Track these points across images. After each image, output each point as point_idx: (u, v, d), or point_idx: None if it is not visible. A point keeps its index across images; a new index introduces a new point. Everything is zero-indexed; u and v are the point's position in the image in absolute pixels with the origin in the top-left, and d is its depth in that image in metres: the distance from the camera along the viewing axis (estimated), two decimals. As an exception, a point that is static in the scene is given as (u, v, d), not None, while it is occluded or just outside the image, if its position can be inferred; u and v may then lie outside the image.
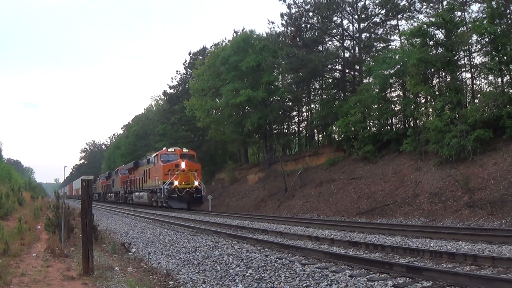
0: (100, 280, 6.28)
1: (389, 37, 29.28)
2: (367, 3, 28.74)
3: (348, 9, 29.18)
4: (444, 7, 21.13)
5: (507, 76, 18.43)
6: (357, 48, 29.59)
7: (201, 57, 46.93)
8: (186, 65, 51.75)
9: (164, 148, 31.22)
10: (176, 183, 27.39)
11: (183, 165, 27.98)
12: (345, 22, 30.07)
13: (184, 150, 30.29)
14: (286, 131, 37.01)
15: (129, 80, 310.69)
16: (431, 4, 24.50)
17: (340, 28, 30.33)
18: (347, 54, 30.63)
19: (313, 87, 33.37)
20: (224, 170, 40.84)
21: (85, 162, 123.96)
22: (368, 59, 29.08)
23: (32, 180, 66.08)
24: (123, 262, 8.27)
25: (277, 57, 29.55)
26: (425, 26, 19.60)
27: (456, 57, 19.80)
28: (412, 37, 20.00)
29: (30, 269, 7.04)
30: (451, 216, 14.46)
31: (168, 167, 28.02)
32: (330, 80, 32.31)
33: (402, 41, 24.53)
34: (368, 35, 29.59)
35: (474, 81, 21.23)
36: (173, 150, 30.08)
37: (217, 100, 37.22)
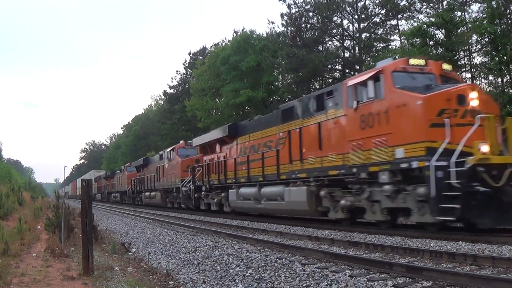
0: (100, 280, 6.28)
1: (389, 37, 29.35)
2: (367, 3, 28.83)
3: (348, 9, 29.24)
4: (444, 7, 21.15)
5: (507, 76, 18.46)
6: (357, 48, 29.63)
7: (201, 57, 47.04)
8: (186, 65, 51.90)
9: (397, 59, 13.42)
10: (484, 148, 9.16)
11: (473, 98, 9.66)
12: (345, 22, 30.16)
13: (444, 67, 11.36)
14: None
15: (129, 80, 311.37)
16: (431, 4, 24.52)
17: (340, 28, 30.40)
18: (347, 54, 30.69)
19: (313, 87, 33.41)
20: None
21: (85, 162, 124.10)
22: (368, 59, 29.10)
23: (32, 180, 66.22)
24: (123, 262, 8.27)
25: (277, 57, 29.59)
26: (425, 26, 19.63)
27: (456, 57, 19.84)
28: (412, 37, 20.04)
29: (30, 269, 7.04)
30: (451, 216, 14.38)
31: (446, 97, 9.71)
32: (330, 80, 32.34)
33: (402, 41, 24.56)
34: (368, 35, 29.65)
35: (474, 81, 21.25)
36: (423, 62, 10.93)
37: (217, 100, 37.24)
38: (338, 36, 31.10)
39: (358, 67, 29.01)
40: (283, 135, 14.75)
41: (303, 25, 31.28)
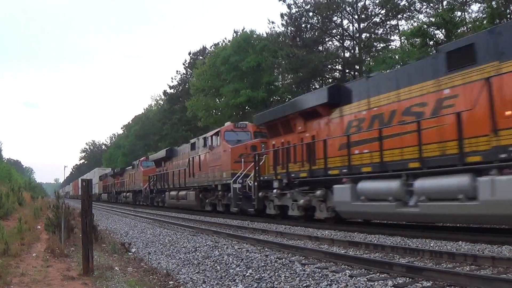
0: (100, 280, 6.28)
1: (389, 37, 29.40)
2: (367, 3, 28.90)
3: (348, 9, 29.29)
4: (444, 7, 21.18)
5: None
6: (357, 48, 29.67)
7: (201, 57, 47.10)
8: (186, 65, 51.89)
9: None
10: None
11: None
12: (345, 22, 30.24)
13: None
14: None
15: (129, 80, 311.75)
16: (431, 4, 24.54)
17: (340, 28, 30.46)
18: (347, 54, 30.73)
19: (313, 87, 33.47)
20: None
21: (85, 162, 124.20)
22: (368, 59, 29.14)
23: (32, 180, 66.30)
24: (123, 262, 8.27)
25: (277, 57, 29.61)
26: (425, 26, 19.66)
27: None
28: (412, 37, 20.08)
29: (30, 269, 7.04)
30: (451, 216, 14.34)
31: None
32: (330, 80, 32.40)
33: (402, 41, 24.59)
34: (368, 35, 29.71)
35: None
36: None
37: (217, 100, 37.27)
38: (338, 36, 31.15)
39: (358, 67, 29.03)
40: (454, 92, 9.45)
41: (303, 25, 31.31)
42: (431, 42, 19.94)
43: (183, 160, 25.25)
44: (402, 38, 24.17)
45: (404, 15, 27.65)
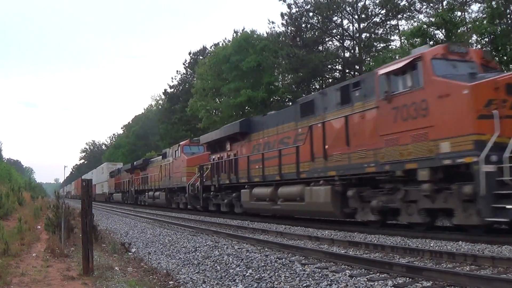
0: (100, 280, 6.28)
1: (389, 37, 29.42)
2: (367, 3, 28.91)
3: (348, 9, 29.30)
4: (444, 7, 21.18)
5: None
6: (357, 48, 29.68)
7: (201, 57, 47.13)
8: (186, 65, 51.90)
9: None
10: None
11: None
12: (345, 22, 30.26)
13: None
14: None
15: (129, 80, 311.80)
16: (431, 4, 24.55)
17: (340, 28, 30.47)
18: (347, 54, 30.75)
19: (313, 87, 33.49)
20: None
21: (85, 162, 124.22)
22: (368, 59, 29.14)
23: (32, 180, 66.30)
24: (123, 262, 8.27)
25: (277, 57, 29.61)
26: (425, 26, 19.65)
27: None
28: (412, 37, 20.06)
29: (30, 269, 7.04)
30: (451, 216, 14.33)
31: None
32: (330, 80, 32.41)
33: (402, 41, 24.58)
34: (368, 35, 29.73)
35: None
36: None
37: (217, 100, 37.30)
38: (338, 36, 31.16)
39: (358, 67, 29.05)
40: None
41: (303, 25, 31.30)
42: (431, 42, 19.93)
43: (284, 134, 14.66)
44: (402, 38, 24.19)
45: (404, 15, 27.70)
